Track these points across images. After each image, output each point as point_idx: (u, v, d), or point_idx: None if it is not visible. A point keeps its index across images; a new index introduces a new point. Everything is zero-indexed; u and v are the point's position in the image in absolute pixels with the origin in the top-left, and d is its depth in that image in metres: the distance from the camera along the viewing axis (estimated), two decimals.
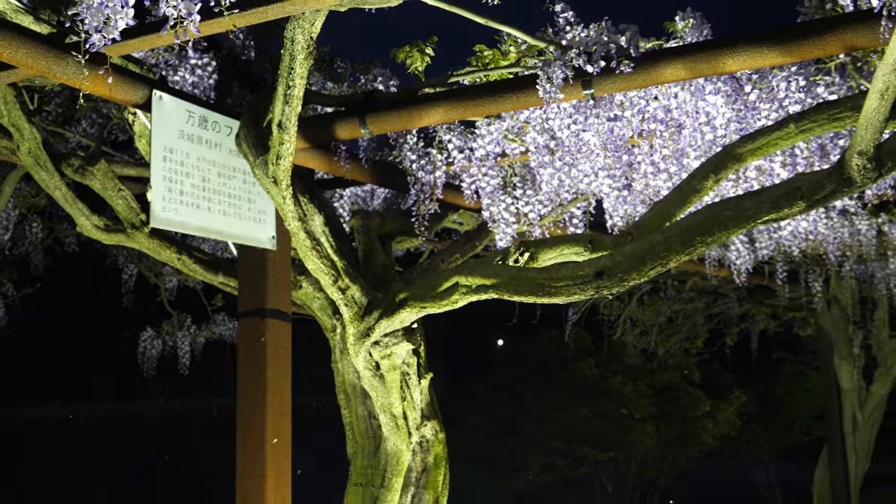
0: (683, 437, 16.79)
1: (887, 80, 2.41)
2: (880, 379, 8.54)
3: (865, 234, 5.43)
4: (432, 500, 3.75)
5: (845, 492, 8.41)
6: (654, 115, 3.30)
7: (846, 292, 8.29)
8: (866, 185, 2.62)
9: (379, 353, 3.47)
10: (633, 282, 2.72)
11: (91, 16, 2.16)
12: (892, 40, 2.36)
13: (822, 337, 8.65)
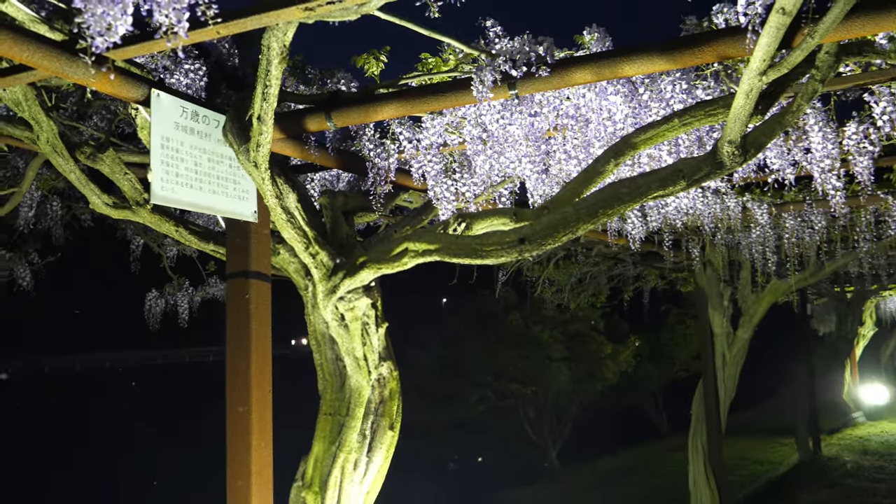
0: (590, 375, 17.01)
1: (751, 83, 2.43)
2: (744, 325, 8.72)
3: (733, 210, 5.50)
4: (388, 425, 3.74)
5: (716, 414, 8.58)
6: (567, 111, 3.29)
7: (718, 257, 8.42)
8: (734, 167, 2.64)
9: (343, 306, 3.46)
10: (549, 246, 2.71)
11: (95, 22, 2.08)
12: (755, 51, 2.36)
13: (699, 292, 8.79)
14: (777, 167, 4.13)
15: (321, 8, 2.49)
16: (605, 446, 16.77)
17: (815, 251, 7.31)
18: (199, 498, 7.30)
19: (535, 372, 15.99)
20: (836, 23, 2.31)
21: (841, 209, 6.08)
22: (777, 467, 13.03)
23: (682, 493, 8.79)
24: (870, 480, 11.56)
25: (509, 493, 13.01)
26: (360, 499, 3.73)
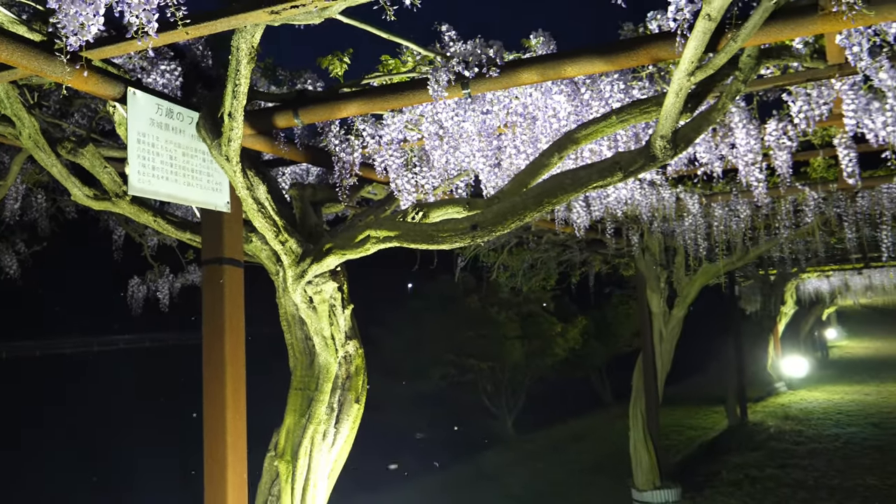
0: (542, 351, 17.11)
1: (681, 83, 2.44)
2: (678, 305, 8.80)
3: (668, 200, 5.54)
4: (354, 399, 3.72)
5: (654, 386, 8.68)
6: (516, 110, 3.28)
7: (655, 243, 8.48)
8: (666, 160, 2.66)
9: (311, 289, 3.42)
10: (498, 232, 2.71)
11: (69, 22, 2.03)
12: (684, 54, 2.38)
13: (638, 276, 8.86)
14: (706, 161, 4.18)
15: (286, 12, 2.45)
16: (555, 416, 16.89)
17: (741, 237, 7.43)
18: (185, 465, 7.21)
19: (491, 349, 16.04)
20: (756, 28, 2.33)
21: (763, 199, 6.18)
22: (708, 432, 13.22)
23: (624, 457, 8.89)
24: (790, 443, 11.81)
25: (469, 459, 13.05)
26: (328, 466, 3.72)
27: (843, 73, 3.12)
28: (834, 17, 2.28)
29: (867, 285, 21.02)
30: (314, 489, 3.65)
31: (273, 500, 3.68)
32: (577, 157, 3.72)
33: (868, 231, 7.07)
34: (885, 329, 36.20)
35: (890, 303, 38.26)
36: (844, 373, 21.55)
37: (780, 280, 16.31)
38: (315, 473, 3.63)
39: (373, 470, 12.46)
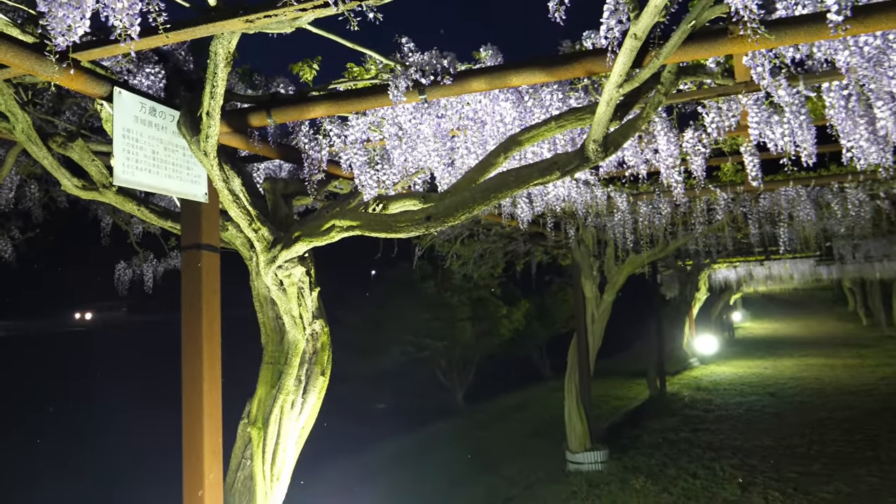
0: (490, 331, 17.21)
1: (611, 94, 2.46)
2: (608, 291, 8.90)
3: (600, 199, 5.58)
4: (320, 372, 3.69)
5: (586, 361, 8.78)
6: (467, 114, 3.27)
7: (589, 236, 8.57)
8: (598, 161, 2.67)
9: (282, 273, 3.37)
10: (450, 223, 2.70)
11: (57, 24, 1.96)
12: (614, 68, 2.39)
13: (574, 265, 8.94)
14: (633, 164, 4.22)
15: (259, 21, 2.40)
16: (501, 389, 17.01)
17: (662, 232, 7.54)
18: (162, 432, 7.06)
19: (445, 329, 16.07)
20: (676, 48, 2.36)
21: (681, 198, 6.29)
22: (633, 402, 13.44)
23: (560, 424, 8.99)
24: (702, 410, 12.08)
25: (425, 427, 13.08)
26: (296, 433, 3.68)
27: (749, 90, 3.19)
28: (740, 39, 2.32)
29: (767, 275, 21.65)
30: (283, 453, 3.61)
31: (246, 462, 3.63)
32: (521, 158, 3.72)
33: (768, 228, 7.25)
34: (781, 312, 37.30)
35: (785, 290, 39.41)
36: (747, 350, 22.13)
37: (695, 270, 16.65)
38: (284, 439, 3.60)
39: (339, 436, 12.40)
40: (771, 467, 8.16)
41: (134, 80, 3.31)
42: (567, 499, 7.36)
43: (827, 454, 8.65)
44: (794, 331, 29.52)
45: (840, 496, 6.98)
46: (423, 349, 16.20)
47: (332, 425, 13.50)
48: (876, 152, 3.47)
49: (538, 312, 19.51)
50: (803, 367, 17.57)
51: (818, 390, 13.68)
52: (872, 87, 2.90)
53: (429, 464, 9.90)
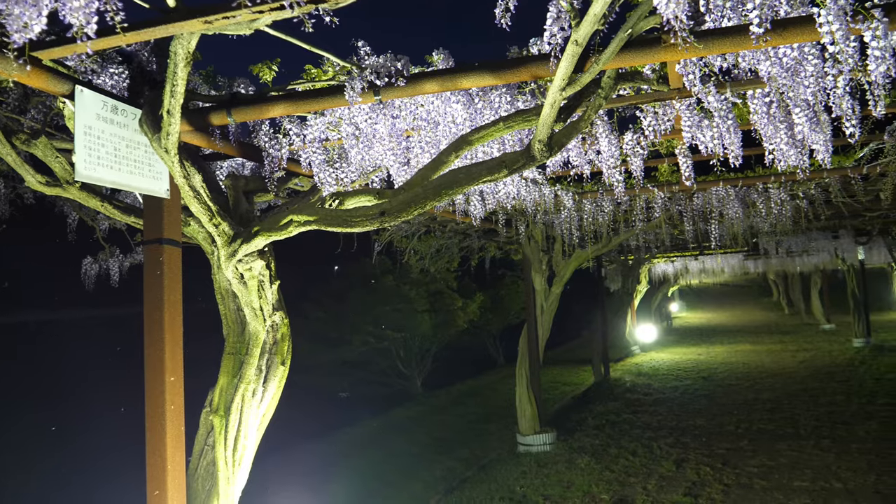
0: (446, 322, 17.23)
1: (554, 97, 2.47)
2: (556, 283, 8.98)
3: (548, 197, 5.62)
4: (280, 361, 3.63)
5: (536, 350, 8.86)
6: (421, 115, 3.25)
7: (538, 232, 8.63)
8: (543, 160, 2.69)
9: (242, 267, 3.30)
10: (403, 218, 2.68)
11: (13, 21, 1.87)
12: (557, 73, 2.40)
13: (525, 259, 9.00)
14: (577, 164, 4.25)
15: (218, 22, 2.34)
16: (457, 376, 17.05)
17: (605, 228, 7.64)
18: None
19: (404, 321, 16.04)
20: (614, 54, 2.38)
21: (622, 197, 6.38)
22: (579, 387, 13.62)
23: (511, 409, 9.06)
24: (641, 394, 12.31)
25: (385, 414, 13.03)
26: (257, 420, 3.62)
27: (682, 96, 3.24)
28: (673, 48, 2.35)
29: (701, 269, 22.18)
30: (244, 439, 3.55)
31: (208, 449, 3.55)
32: (472, 157, 3.72)
33: (702, 225, 7.41)
34: (713, 303, 38.29)
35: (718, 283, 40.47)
36: (683, 338, 22.67)
37: (636, 264, 16.95)
38: (245, 426, 3.53)
39: (303, 423, 12.27)
40: (703, 445, 8.36)
41: (98, 80, 3.21)
42: (517, 478, 7.42)
43: (752, 432, 8.92)
44: (725, 320, 30.35)
45: (763, 469, 7.20)
46: (382, 340, 16.14)
47: (296, 413, 13.35)
48: (794, 155, 3.57)
49: (492, 304, 19.62)
50: (733, 352, 18.06)
51: (745, 374, 14.08)
52: (791, 94, 2.99)
53: (388, 448, 9.87)
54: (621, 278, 17.32)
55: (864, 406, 10.07)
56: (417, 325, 16.23)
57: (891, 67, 2.40)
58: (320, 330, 16.25)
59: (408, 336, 16.37)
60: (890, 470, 6.87)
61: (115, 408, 14.89)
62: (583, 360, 16.90)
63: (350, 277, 17.13)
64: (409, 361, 16.87)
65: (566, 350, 20.54)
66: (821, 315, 23.52)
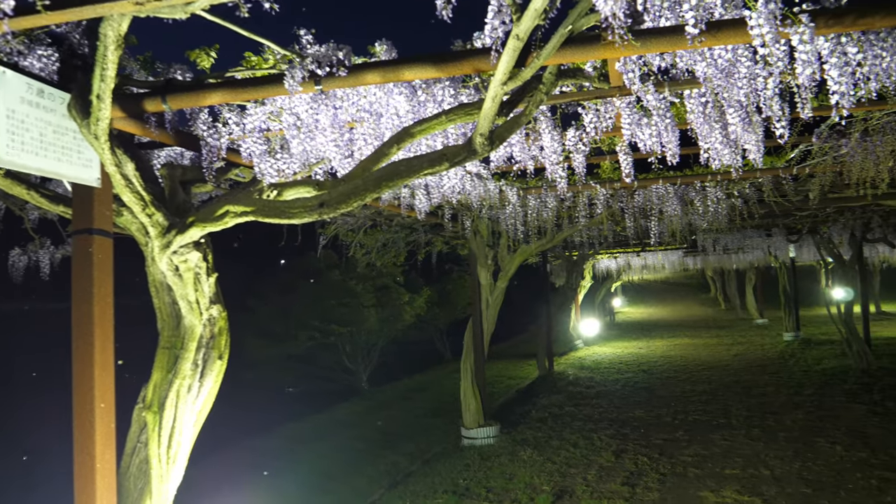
0: (393, 317, 17.17)
1: (496, 90, 2.47)
2: (502, 278, 9.04)
3: (493, 192, 5.64)
4: (217, 356, 3.53)
5: (481, 344, 8.91)
6: (364, 107, 3.21)
7: (484, 227, 8.66)
8: (484, 154, 2.69)
9: (177, 259, 3.20)
10: (343, 210, 2.64)
11: None
12: (498, 67, 2.40)
13: (471, 254, 9.03)
14: (521, 160, 4.28)
15: (150, 3, 2.25)
16: (403, 371, 17.03)
17: (550, 224, 7.72)
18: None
19: (351, 315, 15.91)
20: (555, 50, 2.40)
21: (566, 193, 6.46)
22: (524, 381, 13.77)
23: (457, 403, 9.09)
24: (584, 387, 12.54)
25: (330, 409, 12.90)
26: (193, 416, 3.51)
27: (622, 94, 3.29)
28: (611, 45, 2.38)
29: (643, 265, 22.76)
30: (179, 436, 3.44)
31: (141, 446, 3.43)
32: (415, 150, 3.69)
33: (643, 222, 7.58)
34: (654, 299, 39.34)
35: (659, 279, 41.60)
36: (625, 332, 23.22)
37: (580, 260, 17.22)
38: (180, 422, 3.42)
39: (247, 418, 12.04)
40: (641, 436, 8.58)
41: (25, 62, 3.05)
42: (461, 471, 7.45)
43: (688, 422, 9.20)
44: (665, 315, 31.24)
45: (697, 458, 7.44)
46: (329, 335, 15.97)
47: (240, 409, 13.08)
48: (728, 154, 3.68)
49: (439, 299, 19.67)
50: (672, 346, 18.61)
51: (683, 367, 14.52)
52: (725, 95, 3.07)
53: (333, 443, 9.77)
54: (566, 274, 17.56)
55: (792, 397, 10.52)
56: (364, 319, 16.12)
57: (816, 71, 2.49)
58: (266, 325, 15.97)
59: (354, 331, 16.25)
60: (814, 457, 7.20)
61: (40, 405, 14.30)
62: (528, 355, 17.10)
63: (297, 272, 16.87)
64: (355, 357, 16.75)
65: (512, 344, 20.76)
66: (754, 310, 24.48)
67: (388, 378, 16.34)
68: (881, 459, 6.97)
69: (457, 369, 9.25)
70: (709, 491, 6.30)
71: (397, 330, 17.86)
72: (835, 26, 2.39)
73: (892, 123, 4.87)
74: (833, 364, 13.23)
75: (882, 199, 7.48)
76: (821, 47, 2.60)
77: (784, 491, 6.19)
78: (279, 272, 20.47)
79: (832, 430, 8.29)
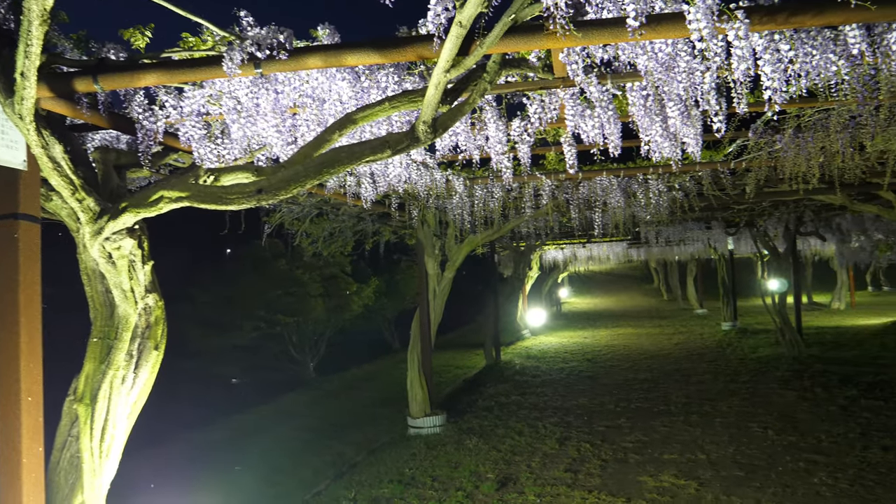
0: (341, 307, 17.03)
1: (439, 78, 2.45)
2: (449, 268, 9.06)
3: (439, 181, 5.64)
4: (153, 346, 3.42)
5: (428, 334, 8.92)
6: (306, 92, 3.14)
7: (431, 217, 8.65)
8: (427, 142, 2.67)
9: (110, 246, 3.08)
10: (282, 196, 2.59)
11: None
12: (441, 54, 2.39)
13: (419, 244, 9.01)
14: (467, 149, 4.28)
15: None
16: (351, 361, 16.92)
17: (496, 214, 7.77)
18: None
19: (297, 305, 15.71)
20: (498, 39, 2.40)
21: (512, 183, 6.51)
22: (471, 370, 13.87)
23: (405, 392, 9.08)
24: (530, 376, 12.73)
25: (276, 400, 12.73)
26: (127, 408, 3.40)
27: (566, 85, 3.32)
28: (554, 36, 2.40)
29: (589, 256, 23.20)
30: (113, 429, 3.33)
31: (72, 440, 3.31)
32: (359, 137, 3.65)
33: (588, 213, 7.71)
34: (600, 289, 40.19)
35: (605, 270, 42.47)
36: (571, 322, 23.66)
37: (528, 250, 17.43)
38: (113, 415, 3.31)
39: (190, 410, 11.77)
40: (585, 423, 8.77)
41: None
42: (407, 460, 7.47)
43: (630, 410, 9.45)
44: (610, 305, 31.95)
45: (638, 444, 7.65)
46: (275, 325, 15.74)
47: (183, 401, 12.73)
48: (669, 147, 3.77)
49: (387, 289, 19.61)
50: (616, 336, 19.05)
51: (626, 356, 14.89)
52: (666, 89, 3.14)
53: (279, 434, 9.65)
54: (514, 264, 17.75)
55: (728, 384, 10.92)
56: (311, 309, 15.94)
57: (751, 67, 2.57)
58: (210, 315, 15.62)
59: (301, 321, 16.05)
60: (747, 442, 7.50)
61: None
62: (476, 344, 17.23)
63: (242, 261, 16.54)
64: (301, 347, 16.56)
65: (460, 334, 20.88)
66: (695, 301, 25.30)
67: (336, 368, 16.22)
68: (809, 443, 7.31)
69: (404, 359, 9.24)
70: (648, 476, 6.49)
71: (345, 320, 17.74)
72: (768, 23, 2.47)
73: (822, 121, 5.08)
74: (767, 352, 13.79)
75: (813, 193, 7.80)
76: (755, 44, 2.68)
77: (719, 474, 6.43)
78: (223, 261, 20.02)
79: (765, 416, 8.64)
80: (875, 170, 6.49)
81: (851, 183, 7.31)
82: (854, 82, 3.28)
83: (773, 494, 5.80)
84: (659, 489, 6.10)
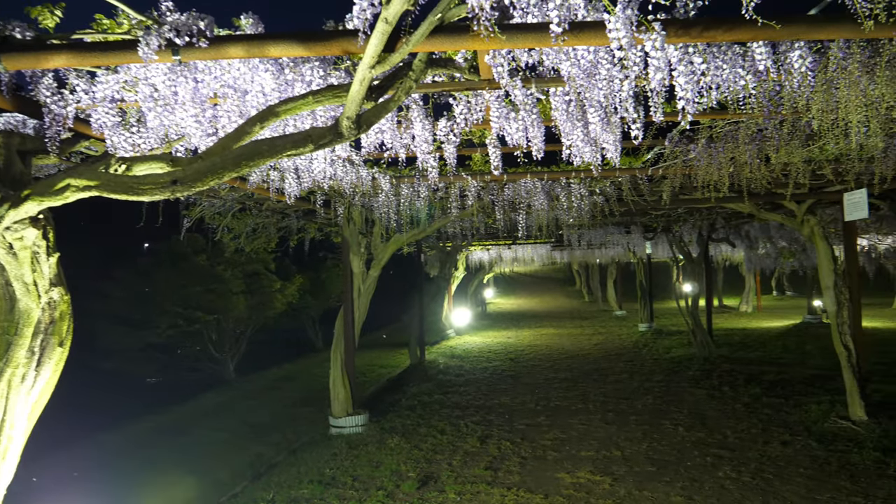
0: (263, 305, 16.64)
1: (363, 73, 2.44)
2: (374, 267, 9.01)
3: (366, 179, 5.59)
4: (58, 343, 3.24)
5: (352, 332, 8.83)
6: (227, 82, 3.06)
7: (357, 215, 8.58)
8: (351, 137, 2.66)
9: (11, 236, 2.90)
10: (198, 188, 2.51)
11: None
12: (367, 50, 2.38)
13: (344, 242, 8.91)
14: (393, 147, 4.28)
15: None
16: (273, 360, 16.56)
17: (423, 214, 7.79)
18: None
19: (217, 302, 15.21)
20: (424, 37, 2.41)
21: (437, 183, 6.54)
22: (395, 370, 13.84)
23: (327, 392, 8.96)
24: (454, 375, 12.82)
25: (194, 399, 12.31)
26: (28, 407, 3.21)
27: (491, 87, 3.37)
28: (479, 37, 2.43)
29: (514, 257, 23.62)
30: (11, 430, 3.13)
31: None
32: (282, 130, 3.58)
33: (513, 215, 7.84)
34: (524, 290, 40.97)
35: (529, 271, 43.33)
36: (496, 322, 24.00)
37: (454, 250, 17.55)
38: (11, 415, 3.12)
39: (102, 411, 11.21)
40: (506, 421, 8.91)
41: None
42: (328, 460, 7.38)
43: (550, 408, 9.67)
44: (534, 306, 32.62)
45: (556, 441, 7.85)
46: (193, 322, 15.17)
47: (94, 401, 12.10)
48: (589, 152, 3.89)
49: (312, 287, 19.29)
50: (538, 336, 19.46)
51: (548, 355, 15.23)
52: (587, 95, 3.24)
53: (196, 435, 9.33)
54: (440, 264, 17.84)
55: (644, 383, 11.36)
56: (232, 307, 15.48)
57: (667, 78, 2.68)
58: (123, 311, 14.90)
59: (221, 318, 15.55)
60: (659, 438, 7.82)
61: None
62: (400, 344, 17.20)
63: (158, 255, 15.87)
64: (221, 345, 16.05)
65: (386, 334, 20.81)
66: (614, 302, 26.20)
67: (257, 367, 15.82)
68: (716, 438, 7.70)
69: (328, 358, 9.12)
70: (565, 472, 6.67)
71: (268, 318, 17.31)
72: (683, 36, 2.59)
73: (732, 132, 5.36)
74: (680, 353, 14.42)
75: (724, 201, 8.23)
76: (671, 55, 2.81)
77: (632, 470, 6.67)
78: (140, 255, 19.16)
79: (676, 413, 9.04)
80: (780, 181, 6.90)
81: (758, 192, 7.76)
82: (760, 97, 3.48)
83: (682, 488, 6.07)
84: (575, 485, 6.28)
